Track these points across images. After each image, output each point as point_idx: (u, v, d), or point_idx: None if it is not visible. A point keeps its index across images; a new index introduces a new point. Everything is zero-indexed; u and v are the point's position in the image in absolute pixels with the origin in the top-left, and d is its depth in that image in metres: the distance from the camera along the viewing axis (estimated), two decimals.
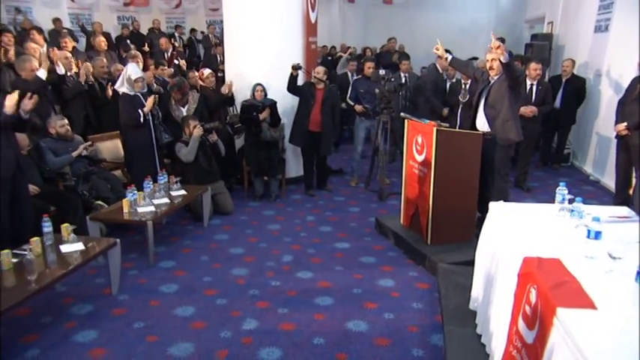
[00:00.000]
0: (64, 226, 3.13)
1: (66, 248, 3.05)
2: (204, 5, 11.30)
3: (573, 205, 2.51)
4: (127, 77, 4.48)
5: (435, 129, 3.65)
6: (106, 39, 7.45)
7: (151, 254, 3.75)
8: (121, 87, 4.53)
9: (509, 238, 2.37)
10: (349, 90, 5.97)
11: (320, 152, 5.39)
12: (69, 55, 5.22)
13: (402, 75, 6.58)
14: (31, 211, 3.50)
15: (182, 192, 4.31)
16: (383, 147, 5.28)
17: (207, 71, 5.73)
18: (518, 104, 4.07)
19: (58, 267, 2.88)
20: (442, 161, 3.67)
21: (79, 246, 3.08)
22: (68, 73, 5.00)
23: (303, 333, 2.84)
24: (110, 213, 3.93)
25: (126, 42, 8.40)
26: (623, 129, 4.47)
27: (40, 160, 4.16)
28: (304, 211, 5.00)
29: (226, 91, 5.41)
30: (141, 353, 2.66)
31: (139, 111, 4.44)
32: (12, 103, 3.13)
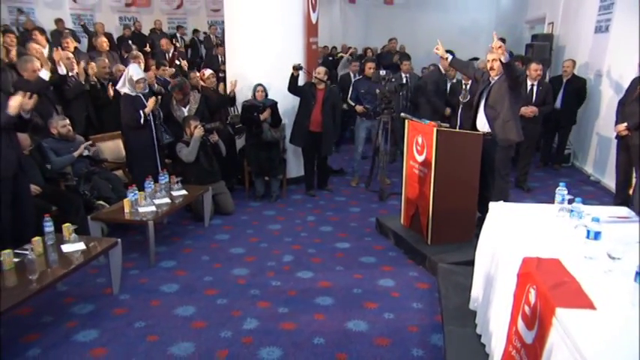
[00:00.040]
0: (66, 226, 3.14)
1: (67, 248, 3.06)
2: (205, 6, 11.32)
3: (573, 206, 2.51)
4: (129, 78, 4.48)
5: (435, 129, 3.66)
6: (108, 39, 7.47)
7: (152, 254, 3.76)
8: (123, 87, 4.53)
9: (508, 239, 2.37)
10: (350, 90, 5.99)
11: (321, 152, 5.40)
12: (70, 56, 5.23)
13: (403, 75, 6.60)
14: (33, 211, 3.51)
15: (183, 192, 4.32)
16: (383, 147, 5.28)
17: (208, 71, 5.73)
18: (518, 105, 4.07)
19: (60, 267, 2.88)
20: (442, 161, 3.67)
21: (81, 246, 3.09)
22: (70, 74, 5.01)
23: (303, 333, 2.84)
24: (111, 213, 3.94)
25: (127, 42, 8.41)
26: (623, 129, 4.47)
27: (44, 160, 4.17)
28: (305, 211, 5.01)
29: (231, 88, 5.41)
30: (141, 353, 2.67)
31: (140, 112, 4.44)
32: (17, 104, 3.14)
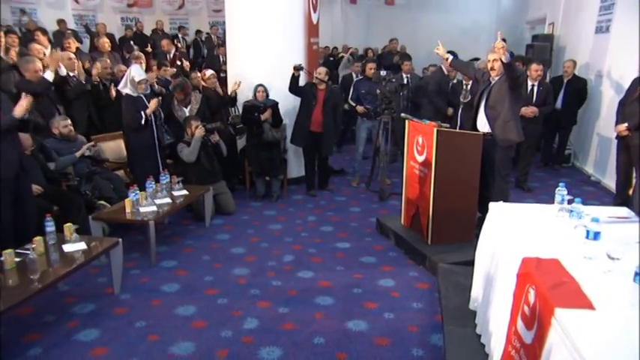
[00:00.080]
0: (67, 226, 3.15)
1: (68, 248, 3.07)
2: (207, 6, 11.35)
3: (572, 206, 2.51)
4: (131, 79, 4.49)
5: (436, 129, 3.66)
6: (110, 40, 7.48)
7: (153, 254, 3.77)
8: (124, 88, 4.54)
9: (508, 239, 2.38)
10: (351, 91, 5.99)
11: (321, 153, 5.40)
12: (72, 56, 5.23)
13: (404, 76, 6.61)
14: (34, 211, 3.52)
15: (184, 192, 4.33)
16: (384, 147, 5.29)
17: (209, 72, 5.74)
18: (518, 105, 4.07)
19: (61, 266, 2.90)
20: (442, 162, 3.68)
21: (82, 245, 3.10)
22: (71, 74, 5.02)
23: (303, 332, 2.85)
24: (113, 213, 3.95)
25: (129, 43, 8.43)
26: (623, 130, 4.47)
27: (48, 160, 4.18)
28: (305, 211, 5.01)
29: (234, 89, 5.40)
30: (142, 352, 2.68)
31: (142, 113, 4.45)
32: (24, 109, 3.17)
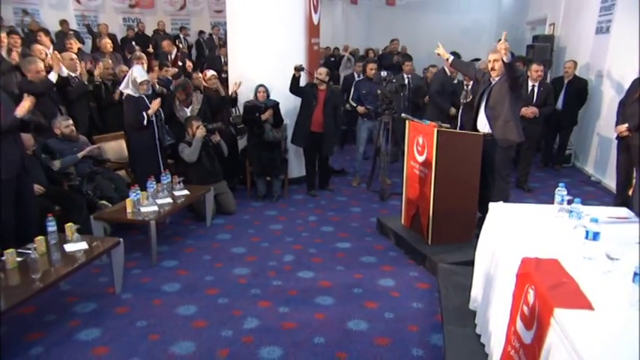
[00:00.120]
0: (68, 226, 3.16)
1: (70, 247, 3.08)
2: (208, 7, 11.37)
3: (572, 206, 2.52)
4: (133, 79, 4.50)
5: (436, 130, 3.67)
6: (112, 40, 7.50)
7: (154, 253, 3.78)
8: (126, 89, 4.55)
9: (508, 239, 2.38)
10: (352, 91, 5.99)
11: (322, 153, 5.41)
12: (74, 57, 5.24)
13: (405, 76, 6.61)
14: (36, 211, 3.53)
15: (185, 192, 4.34)
16: (384, 147, 5.30)
17: (210, 72, 5.75)
18: (519, 105, 4.07)
19: (62, 266, 2.91)
20: (443, 162, 3.69)
21: (83, 245, 3.11)
22: (72, 74, 5.04)
23: (303, 332, 2.86)
24: (114, 213, 3.96)
25: (131, 43, 8.44)
26: (624, 130, 4.47)
27: (53, 158, 4.20)
28: (306, 211, 5.02)
29: (234, 89, 5.42)
30: (143, 352, 2.69)
31: (143, 113, 4.46)
32: (25, 109, 3.19)
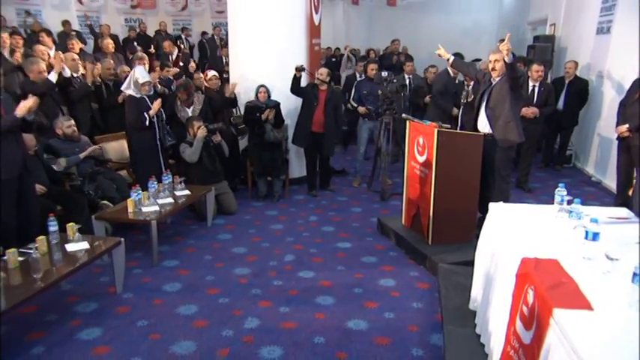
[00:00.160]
0: (70, 225, 3.17)
1: (71, 247, 3.09)
2: (210, 7, 11.37)
3: (572, 206, 2.52)
4: (135, 80, 4.51)
5: (436, 130, 3.67)
6: (114, 41, 7.52)
7: (155, 253, 3.79)
8: (128, 89, 4.57)
9: (507, 239, 2.39)
10: (352, 91, 6.00)
11: (323, 153, 5.42)
12: (76, 57, 5.26)
13: (406, 77, 6.62)
14: (37, 211, 3.54)
15: (186, 192, 4.35)
16: (385, 148, 5.30)
17: (211, 73, 5.75)
18: (519, 106, 4.08)
19: (64, 265, 2.92)
20: (443, 162, 3.69)
21: (85, 245, 3.12)
22: (75, 75, 5.05)
23: (303, 332, 2.87)
24: (115, 212, 3.97)
25: (132, 44, 8.46)
26: (624, 131, 4.48)
27: (57, 159, 4.22)
28: (307, 211, 5.03)
29: (231, 90, 5.42)
30: (144, 351, 2.70)
31: (145, 114, 4.47)
32: (26, 108, 3.20)
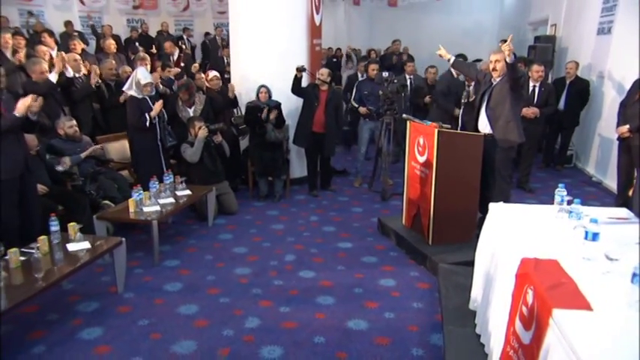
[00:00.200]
0: (71, 225, 3.18)
1: (73, 247, 3.10)
2: (211, 8, 11.39)
3: (572, 207, 2.52)
4: (136, 81, 4.51)
5: (437, 130, 3.68)
6: (116, 41, 7.53)
7: (156, 253, 3.80)
8: (130, 90, 4.57)
9: (507, 239, 2.39)
10: (353, 92, 6.01)
11: (324, 153, 5.43)
12: (78, 58, 5.28)
13: (407, 77, 6.62)
14: (39, 211, 3.55)
15: (187, 192, 4.35)
16: (386, 148, 5.31)
17: (212, 73, 5.76)
18: (519, 106, 4.08)
19: (65, 265, 2.93)
20: (443, 162, 3.69)
21: (86, 245, 3.13)
22: (77, 75, 5.07)
23: (304, 332, 2.87)
24: (117, 212, 3.98)
25: (134, 44, 8.47)
26: (625, 131, 4.48)
27: (62, 158, 4.23)
28: (308, 211, 5.03)
29: (231, 91, 5.44)
30: (145, 351, 2.70)
31: (146, 115, 4.48)
32: (25, 107, 3.21)
